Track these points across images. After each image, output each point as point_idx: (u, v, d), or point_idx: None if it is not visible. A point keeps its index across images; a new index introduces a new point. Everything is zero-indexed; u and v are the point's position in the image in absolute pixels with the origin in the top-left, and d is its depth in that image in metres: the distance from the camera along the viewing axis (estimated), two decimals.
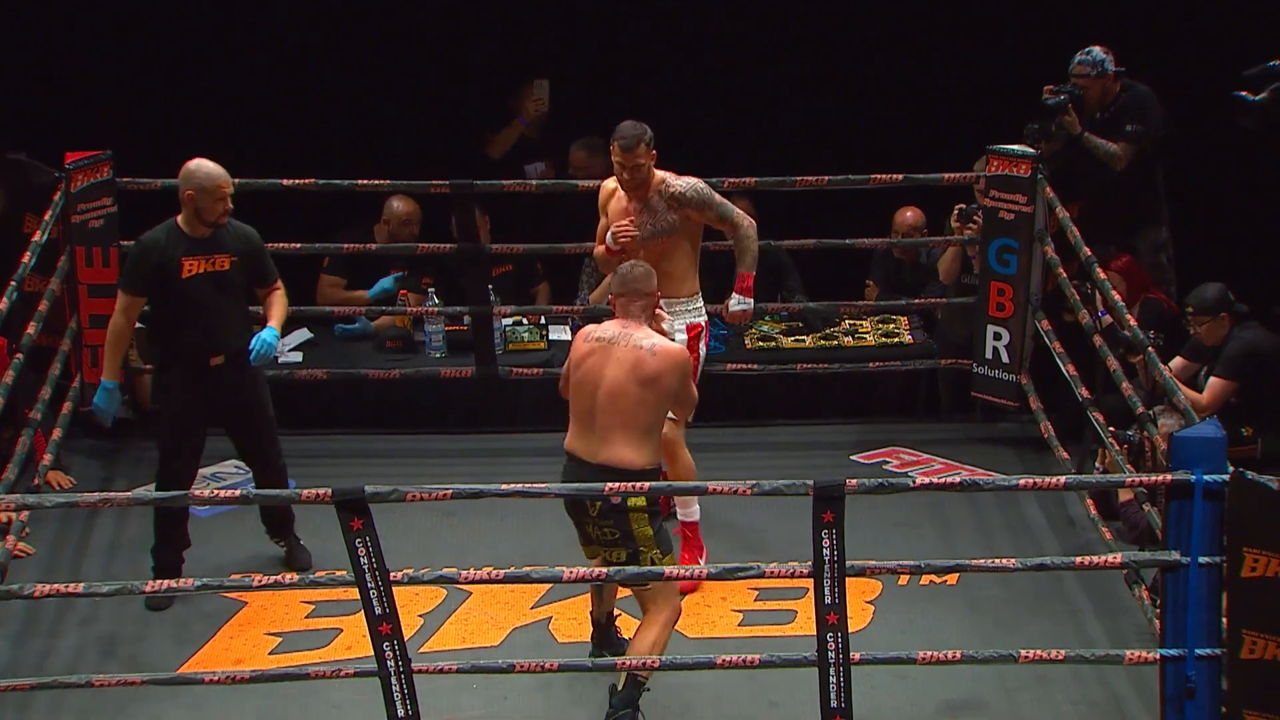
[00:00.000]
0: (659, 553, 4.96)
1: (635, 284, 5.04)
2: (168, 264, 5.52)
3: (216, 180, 5.52)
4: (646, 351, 4.93)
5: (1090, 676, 5.26)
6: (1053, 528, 6.17)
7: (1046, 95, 6.83)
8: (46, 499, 4.97)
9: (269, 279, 5.70)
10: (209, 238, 5.57)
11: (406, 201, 7.07)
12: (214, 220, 5.54)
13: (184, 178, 5.56)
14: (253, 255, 5.64)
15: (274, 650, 5.43)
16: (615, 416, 4.90)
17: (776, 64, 7.99)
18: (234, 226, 5.64)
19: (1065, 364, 6.32)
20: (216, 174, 5.53)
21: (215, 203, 5.52)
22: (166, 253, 5.54)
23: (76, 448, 6.66)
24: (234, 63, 7.77)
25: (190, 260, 5.54)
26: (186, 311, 5.55)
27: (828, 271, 7.50)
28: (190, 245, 5.55)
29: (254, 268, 5.66)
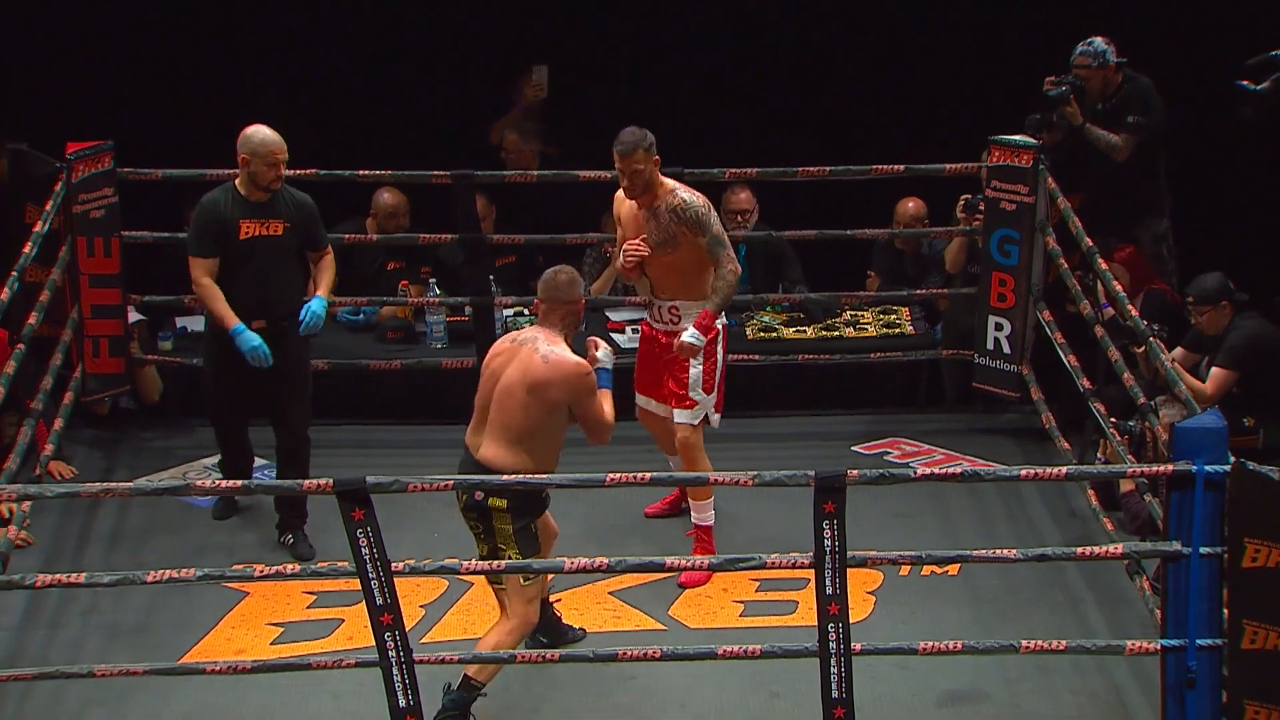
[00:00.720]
0: (516, 552, 4.95)
1: (556, 291, 5.05)
2: (226, 225, 5.68)
3: (270, 147, 5.65)
4: (540, 359, 4.95)
5: (1091, 667, 5.27)
6: (1054, 518, 6.17)
7: (1048, 86, 6.82)
8: (48, 489, 4.98)
9: (320, 244, 5.84)
10: (265, 202, 5.71)
11: (394, 194, 7.05)
12: (266, 185, 5.68)
13: (241, 142, 5.71)
14: (306, 221, 5.81)
15: (276, 640, 5.44)
16: (499, 416, 4.96)
17: (779, 53, 7.98)
18: (289, 193, 5.79)
19: (1067, 355, 6.31)
20: (270, 141, 5.66)
21: (268, 169, 5.65)
22: (225, 214, 5.69)
23: (78, 438, 6.66)
24: (235, 53, 7.76)
25: (247, 223, 5.69)
26: (239, 272, 5.70)
27: (829, 262, 7.49)
28: (247, 208, 5.70)
29: (307, 233, 5.81)
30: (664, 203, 5.62)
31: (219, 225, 5.69)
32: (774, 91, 7.99)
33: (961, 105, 7.54)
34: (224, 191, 5.74)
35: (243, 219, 5.69)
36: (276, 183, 5.69)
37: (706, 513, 5.77)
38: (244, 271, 5.69)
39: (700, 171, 6.63)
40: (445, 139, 7.75)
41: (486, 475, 4.90)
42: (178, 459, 6.61)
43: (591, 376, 4.98)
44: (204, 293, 5.73)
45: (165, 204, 7.09)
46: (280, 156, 5.67)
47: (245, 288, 5.70)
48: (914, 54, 7.88)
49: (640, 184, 5.59)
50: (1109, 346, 5.96)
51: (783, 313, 7.30)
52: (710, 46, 7.99)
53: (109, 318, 6.57)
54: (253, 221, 5.69)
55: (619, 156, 5.58)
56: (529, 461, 4.96)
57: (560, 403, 4.94)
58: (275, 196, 5.72)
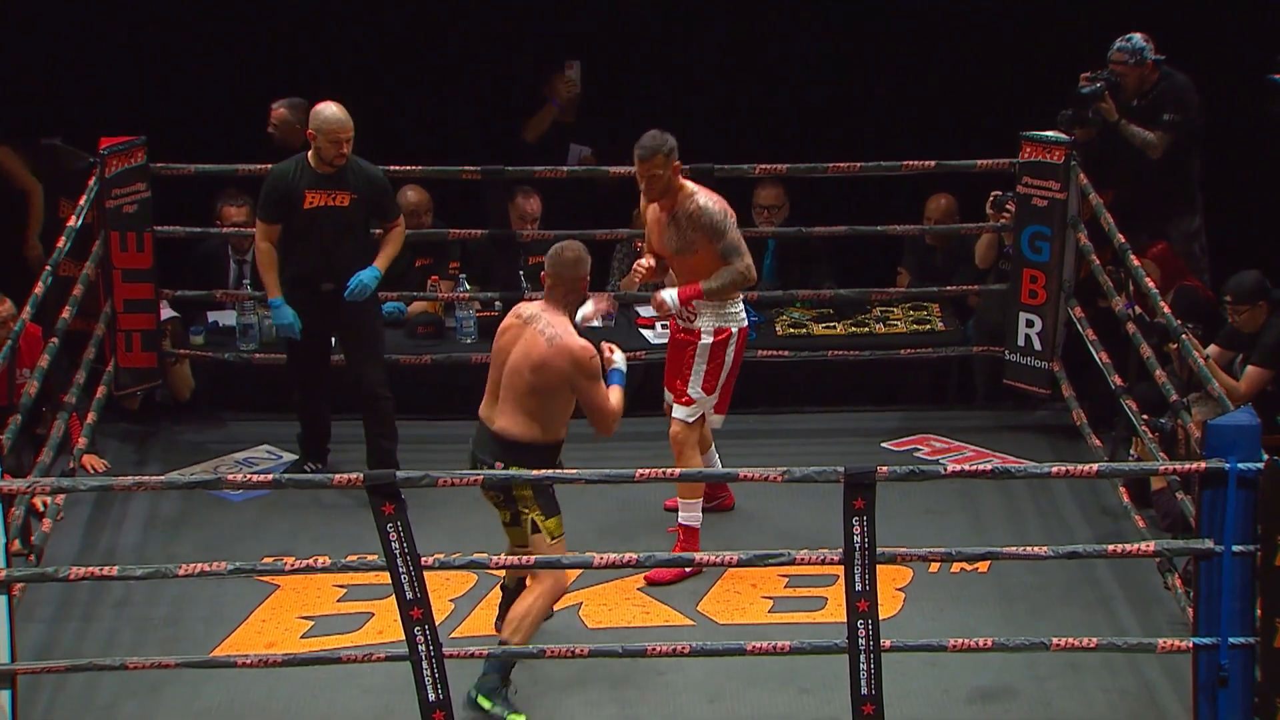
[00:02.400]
0: (540, 514, 5.04)
1: (561, 268, 5.08)
2: (292, 194, 5.97)
3: (333, 125, 5.92)
4: (545, 340, 5.00)
5: (1122, 665, 5.24)
6: (1085, 516, 6.15)
7: (1083, 83, 6.79)
8: (82, 482, 5.01)
9: (389, 216, 6.12)
10: (333, 175, 5.97)
11: (418, 191, 7.07)
12: (330, 160, 5.94)
13: (310, 117, 6.01)
14: (374, 195, 6.05)
15: (306, 634, 5.46)
16: (509, 391, 5.06)
17: (811, 49, 7.96)
18: (360, 167, 6.03)
19: (1098, 351, 6.29)
20: (334, 119, 5.93)
21: (330, 145, 5.93)
22: (292, 184, 5.98)
23: (110, 431, 6.70)
24: (268, 49, 7.79)
25: (312, 193, 5.97)
26: (305, 240, 6.00)
27: (859, 258, 7.48)
28: (314, 179, 5.98)
29: (375, 206, 6.06)
30: (682, 208, 5.60)
31: (285, 193, 5.97)
32: (804, 87, 7.98)
33: (994, 101, 7.51)
34: (295, 162, 6.03)
35: (309, 189, 5.96)
36: (340, 159, 5.93)
37: (693, 513, 5.70)
38: (309, 239, 6.00)
39: (730, 167, 6.63)
40: (479, 135, 7.77)
41: (502, 446, 5.03)
42: (209, 453, 6.64)
43: (595, 360, 5.02)
44: (260, 258, 6.10)
45: (198, 199, 7.12)
46: (343, 135, 5.91)
47: (310, 255, 6.01)
48: (946, 49, 7.85)
49: (658, 188, 5.58)
50: (1141, 343, 5.93)
51: (812, 309, 7.28)
52: (741, 42, 7.98)
53: (141, 312, 6.61)
54: (318, 192, 5.95)
55: (638, 161, 5.58)
56: (540, 431, 5.05)
57: (562, 383, 5.01)
58: (344, 169, 5.97)
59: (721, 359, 5.66)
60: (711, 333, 5.65)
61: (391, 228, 6.13)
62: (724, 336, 5.65)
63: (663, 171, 5.55)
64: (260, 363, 6.85)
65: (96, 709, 5.10)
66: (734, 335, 5.68)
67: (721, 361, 5.66)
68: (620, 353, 5.22)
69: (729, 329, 5.67)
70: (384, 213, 6.12)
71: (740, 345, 5.73)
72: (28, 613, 5.39)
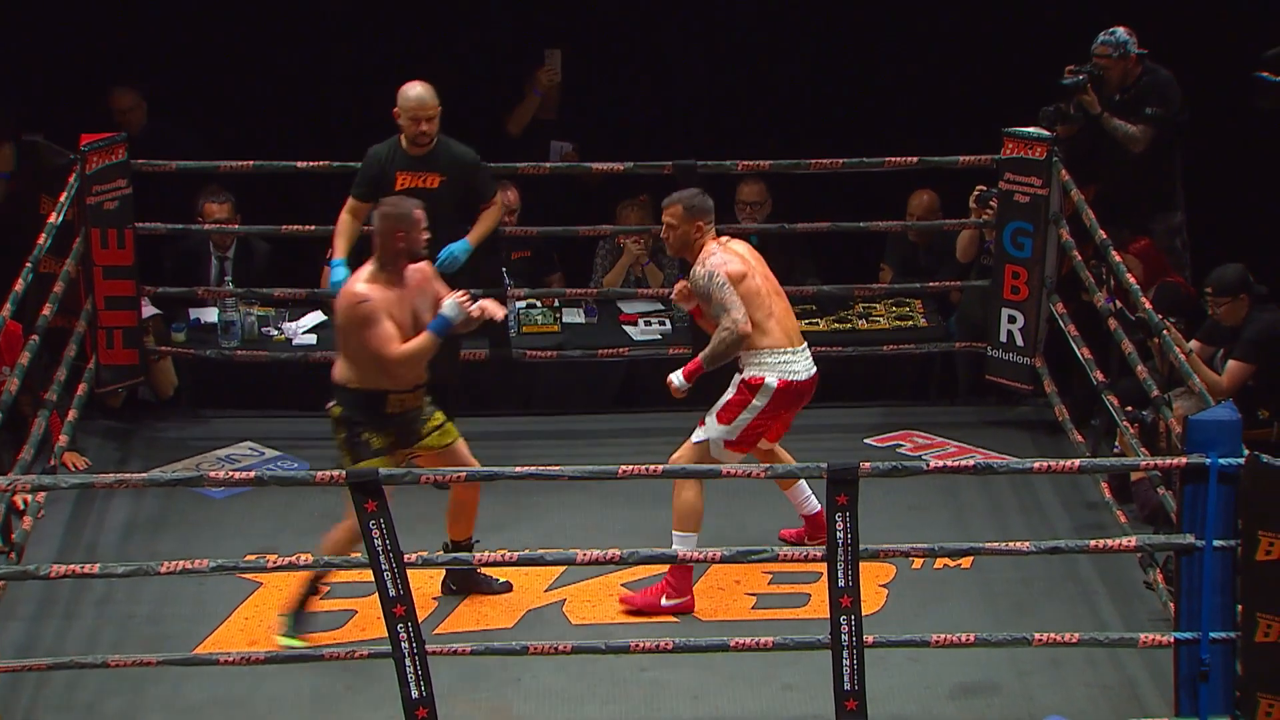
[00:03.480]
0: (349, 459, 5.21)
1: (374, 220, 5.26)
2: (384, 175, 6.02)
3: (412, 104, 5.97)
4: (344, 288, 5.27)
5: (1104, 659, 5.26)
6: (1067, 511, 6.16)
7: (1066, 75, 6.80)
8: (62, 479, 4.99)
9: (482, 196, 6.13)
10: (423, 156, 6.02)
11: None
12: (413, 139, 6.00)
13: (397, 97, 6.03)
14: (464, 176, 6.08)
15: None
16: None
17: (794, 45, 7.96)
18: (451, 148, 6.07)
19: (1080, 347, 6.30)
20: (413, 98, 5.98)
21: (411, 123, 5.98)
22: (385, 164, 6.04)
23: (92, 429, 6.68)
24: (247, 45, 7.77)
25: (403, 174, 6.02)
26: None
27: (842, 254, 7.49)
28: (406, 161, 6.03)
29: (468, 187, 6.09)
30: (693, 270, 5.50)
31: (377, 174, 6.05)
32: (787, 83, 7.98)
33: (977, 97, 7.53)
34: (388, 144, 6.07)
35: (400, 171, 6.02)
36: (423, 138, 5.99)
37: (685, 547, 5.42)
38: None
39: (714, 164, 6.63)
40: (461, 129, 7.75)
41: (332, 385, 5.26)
42: (191, 450, 6.63)
43: (364, 306, 5.11)
44: (338, 224, 6.11)
45: (179, 196, 7.10)
46: (422, 113, 5.96)
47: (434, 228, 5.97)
48: (929, 45, 7.86)
49: (673, 240, 5.49)
50: (1122, 339, 5.94)
51: (795, 305, 7.27)
52: (723, 38, 7.97)
53: (123, 309, 6.59)
54: (409, 174, 6.01)
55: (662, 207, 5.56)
56: (351, 375, 5.21)
57: (345, 325, 5.18)
58: (435, 150, 6.02)
59: (748, 400, 5.43)
60: (747, 376, 5.45)
61: (486, 206, 6.13)
62: (755, 382, 5.43)
63: (677, 224, 5.45)
64: (242, 359, 6.84)
65: (79, 707, 5.09)
66: (767, 385, 5.40)
67: (747, 402, 5.41)
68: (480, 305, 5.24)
69: (762, 378, 5.41)
70: (478, 193, 6.12)
71: (779, 398, 5.42)
72: (8, 611, 5.37)
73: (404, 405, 5.27)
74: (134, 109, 7.33)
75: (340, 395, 5.25)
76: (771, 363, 5.44)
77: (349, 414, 5.24)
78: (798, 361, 5.48)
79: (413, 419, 5.31)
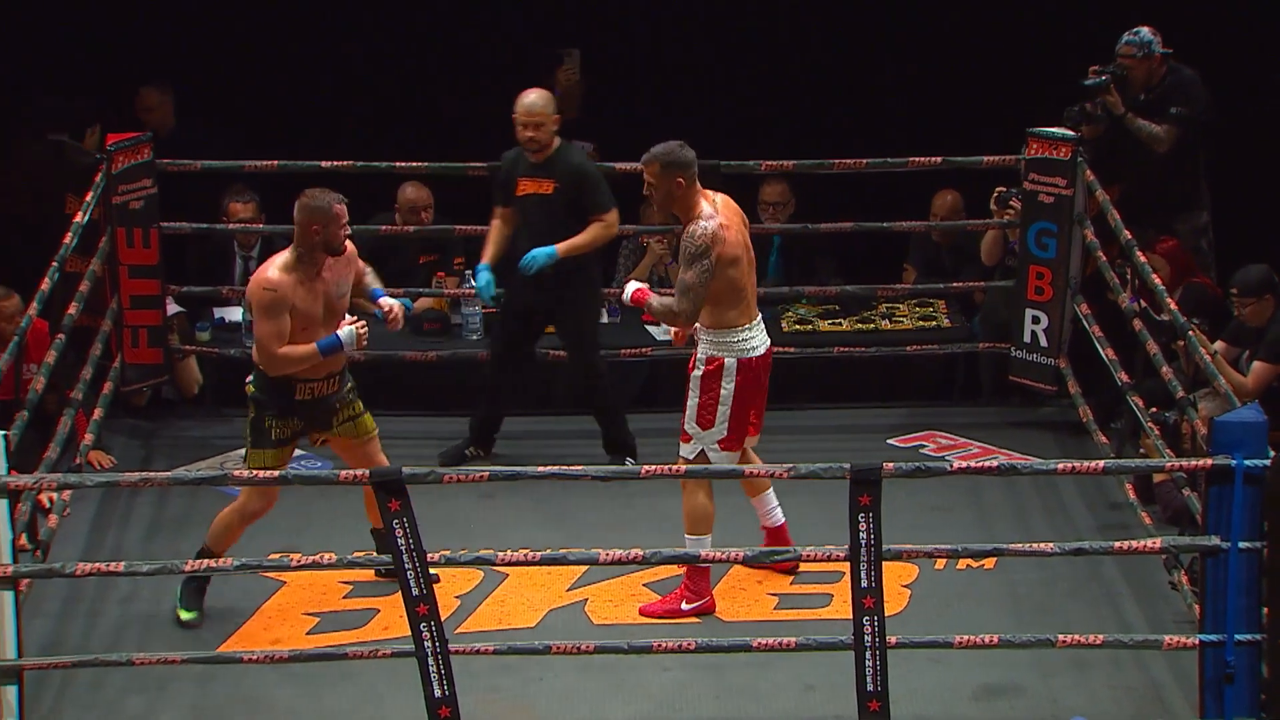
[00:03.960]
0: (249, 441, 5.34)
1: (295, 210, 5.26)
2: (510, 181, 6.23)
3: (519, 110, 6.12)
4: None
5: (1129, 661, 5.24)
6: (1091, 512, 6.14)
7: (1090, 75, 6.78)
8: (88, 478, 5.01)
9: (590, 209, 6.16)
10: (542, 164, 6.15)
11: (417, 188, 7.05)
12: (524, 145, 6.14)
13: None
14: (576, 185, 6.17)
15: (312, 630, 5.46)
16: None
17: (814, 44, 7.95)
18: (569, 157, 6.20)
19: (1104, 348, 6.28)
20: (521, 105, 6.12)
21: (520, 129, 6.12)
22: (511, 171, 6.23)
23: (117, 428, 6.70)
24: (271, 45, 7.80)
25: (524, 180, 6.18)
26: (519, 224, 6.25)
27: (865, 255, 7.47)
28: (527, 167, 6.19)
29: (578, 196, 6.17)
30: (685, 228, 5.35)
31: (504, 179, 6.25)
32: (808, 83, 7.97)
33: (1000, 97, 7.51)
34: (516, 151, 6.22)
35: (521, 177, 6.17)
36: (532, 144, 6.11)
37: (698, 544, 5.35)
38: (521, 225, 6.24)
39: (737, 164, 6.63)
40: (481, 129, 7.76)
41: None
42: (215, 449, 6.65)
43: (268, 294, 5.17)
44: (492, 228, 6.32)
45: (204, 195, 7.12)
46: (527, 120, 6.07)
47: (522, 240, 6.21)
48: (953, 45, 7.84)
49: (656, 198, 5.38)
50: (1147, 339, 5.92)
51: (818, 305, 7.28)
52: (743, 37, 7.97)
53: (148, 308, 6.62)
54: (528, 179, 6.16)
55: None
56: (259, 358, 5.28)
57: (252, 310, 5.27)
58: (553, 157, 6.13)
59: (716, 391, 5.33)
60: (704, 362, 5.35)
61: (595, 219, 6.13)
62: (714, 366, 5.33)
63: (655, 181, 5.31)
64: None
65: (103, 705, 5.11)
66: (728, 366, 5.31)
67: (716, 394, 5.32)
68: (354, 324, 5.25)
69: (720, 359, 5.32)
70: (589, 205, 6.16)
71: (746, 376, 5.33)
72: (34, 608, 5.39)
73: (314, 393, 5.32)
74: (160, 108, 7.36)
75: (254, 375, 5.32)
76: (730, 342, 5.34)
77: (258, 395, 5.32)
78: (755, 337, 5.40)
79: (324, 407, 5.36)
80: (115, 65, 7.63)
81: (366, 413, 5.47)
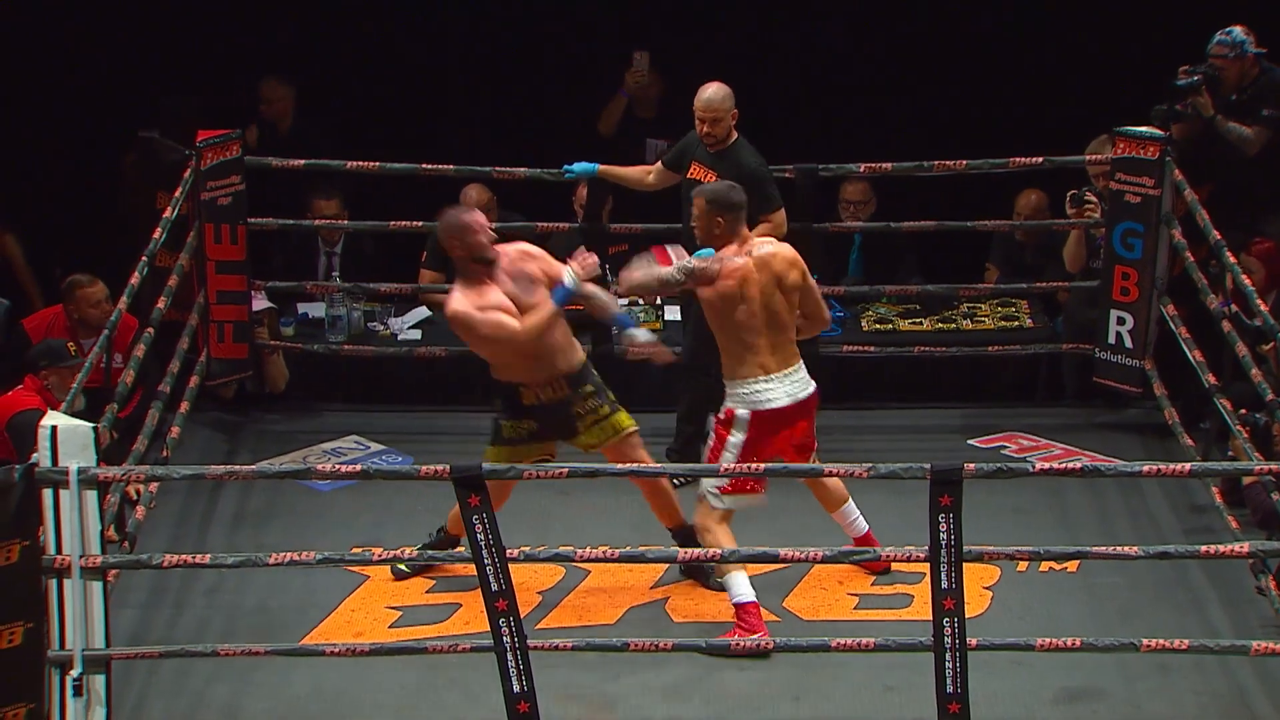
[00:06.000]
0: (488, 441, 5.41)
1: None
2: (684, 159, 6.22)
3: (697, 104, 6.09)
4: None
5: (1214, 666, 5.17)
6: (1176, 516, 6.06)
7: (1180, 76, 6.68)
8: (175, 471, 5.08)
9: (758, 210, 5.93)
10: (716, 155, 6.10)
11: (481, 190, 7.06)
12: (702, 137, 6.10)
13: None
14: (741, 184, 5.97)
15: (393, 624, 5.51)
16: None
17: (897, 44, 7.90)
18: (740, 155, 6.10)
19: (1191, 350, 6.19)
20: (699, 100, 6.08)
21: (698, 123, 6.10)
22: (689, 149, 6.20)
23: (202, 421, 6.78)
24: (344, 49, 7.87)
25: (696, 165, 6.16)
26: (683, 206, 6.14)
27: (947, 254, 7.42)
28: (703, 154, 6.15)
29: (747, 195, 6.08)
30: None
31: (680, 153, 6.22)
32: (894, 84, 7.92)
33: (1087, 96, 7.43)
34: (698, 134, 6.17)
35: (694, 161, 6.15)
36: (709, 137, 6.08)
37: (737, 588, 5.24)
38: (684, 208, 6.13)
39: (836, 167, 6.62)
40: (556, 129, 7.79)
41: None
42: (299, 442, 6.71)
43: (458, 321, 5.25)
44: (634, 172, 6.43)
45: (290, 191, 7.20)
46: (705, 114, 6.05)
47: (684, 223, 6.09)
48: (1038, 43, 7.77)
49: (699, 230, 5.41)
50: (1236, 342, 5.83)
51: (899, 304, 7.24)
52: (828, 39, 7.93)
53: (234, 303, 6.69)
54: (699, 166, 6.13)
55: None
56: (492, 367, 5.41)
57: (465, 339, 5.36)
58: (725, 152, 6.07)
59: (724, 439, 5.29)
60: (722, 411, 5.37)
61: (762, 220, 5.96)
62: (728, 415, 5.34)
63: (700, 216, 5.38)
64: (348, 354, 6.92)
65: (188, 694, 5.18)
66: (739, 418, 5.29)
67: (723, 440, 5.29)
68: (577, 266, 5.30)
69: (732, 410, 5.31)
70: (753, 204, 5.82)
71: (755, 429, 5.28)
72: (121, 599, 5.47)
73: (539, 399, 5.31)
74: (280, 101, 7.46)
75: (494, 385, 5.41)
76: (742, 394, 5.32)
77: (498, 400, 5.40)
78: (773, 389, 5.31)
79: (560, 414, 5.35)
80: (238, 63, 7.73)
81: (618, 412, 5.44)
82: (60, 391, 5.68)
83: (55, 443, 4.65)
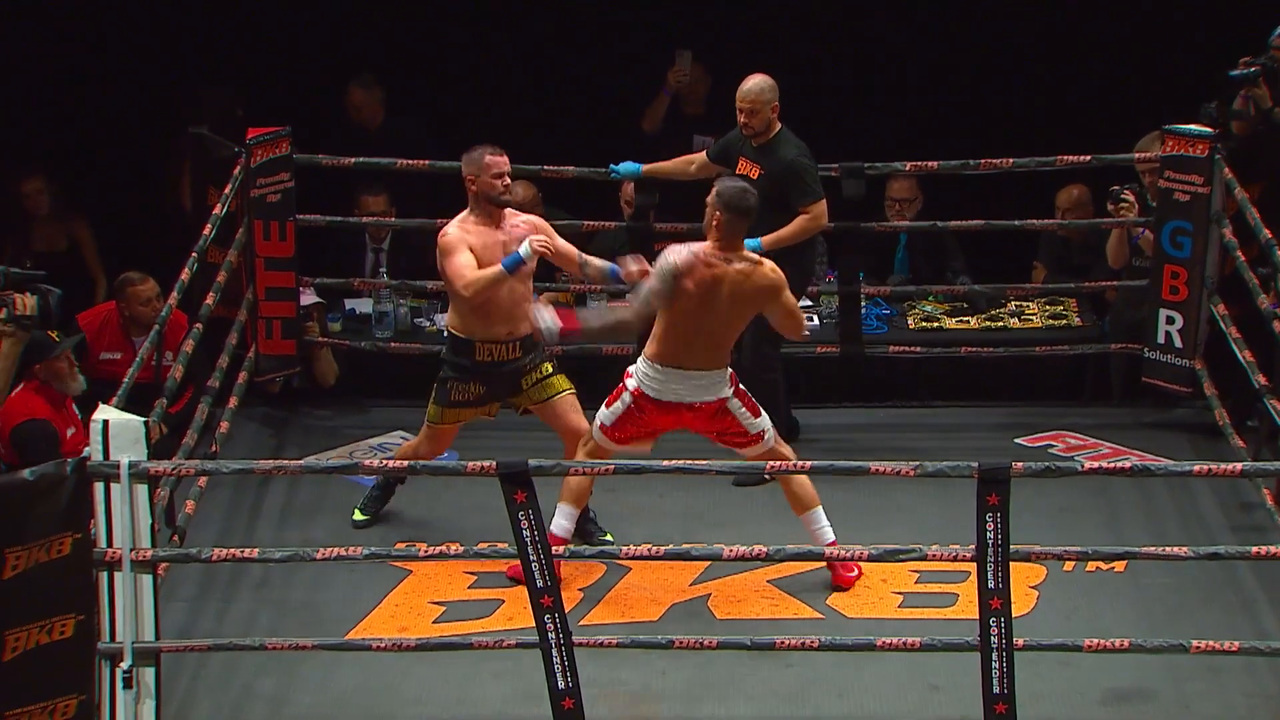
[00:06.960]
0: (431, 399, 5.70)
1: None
2: (729, 153, 6.28)
3: (738, 94, 6.14)
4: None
5: (1264, 668, 5.12)
6: (1226, 516, 6.02)
7: (1240, 68, 6.60)
8: (224, 465, 5.12)
9: (795, 200, 6.12)
10: (759, 148, 6.17)
11: (526, 187, 7.07)
12: (741, 128, 6.16)
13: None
14: (780, 176, 6.17)
15: (438, 619, 5.53)
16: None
17: (940, 42, 7.87)
18: (780, 147, 6.15)
19: (1242, 350, 6.14)
20: (739, 91, 6.14)
21: (738, 114, 6.15)
22: (736, 143, 6.25)
23: (250, 415, 6.83)
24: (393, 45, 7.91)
25: (742, 159, 6.22)
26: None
27: (994, 253, 7.39)
28: (748, 149, 6.21)
29: (781, 187, 6.15)
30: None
31: (725, 145, 6.29)
32: (937, 82, 7.89)
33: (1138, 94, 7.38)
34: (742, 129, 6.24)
35: (740, 156, 6.21)
36: (746, 129, 6.15)
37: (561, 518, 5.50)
38: None
39: (882, 165, 6.60)
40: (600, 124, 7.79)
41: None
42: (346, 438, 6.75)
43: (441, 240, 5.47)
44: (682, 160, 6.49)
45: (338, 189, 7.24)
46: (742, 104, 6.11)
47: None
48: (1088, 40, 7.72)
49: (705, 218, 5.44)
50: None
51: (946, 303, 7.21)
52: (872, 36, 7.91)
53: (282, 300, 6.73)
54: (745, 161, 6.20)
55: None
56: (452, 317, 5.62)
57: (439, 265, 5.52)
58: (767, 144, 6.15)
59: (621, 392, 5.45)
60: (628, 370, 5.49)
61: (801, 212, 6.11)
62: (626, 377, 5.47)
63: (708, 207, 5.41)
64: (395, 350, 6.95)
65: (235, 687, 5.22)
66: (628, 387, 5.44)
67: (620, 393, 5.45)
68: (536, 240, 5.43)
69: (629, 375, 5.47)
70: (794, 197, 6.12)
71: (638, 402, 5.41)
72: (170, 592, 5.52)
73: (493, 355, 5.46)
74: (367, 105, 7.52)
75: (447, 338, 5.62)
76: (642, 369, 5.41)
77: (445, 355, 5.62)
78: (663, 381, 5.37)
79: (508, 372, 5.50)
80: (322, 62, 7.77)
81: (559, 375, 5.65)
82: (56, 381, 5.68)
83: (107, 437, 4.69)
